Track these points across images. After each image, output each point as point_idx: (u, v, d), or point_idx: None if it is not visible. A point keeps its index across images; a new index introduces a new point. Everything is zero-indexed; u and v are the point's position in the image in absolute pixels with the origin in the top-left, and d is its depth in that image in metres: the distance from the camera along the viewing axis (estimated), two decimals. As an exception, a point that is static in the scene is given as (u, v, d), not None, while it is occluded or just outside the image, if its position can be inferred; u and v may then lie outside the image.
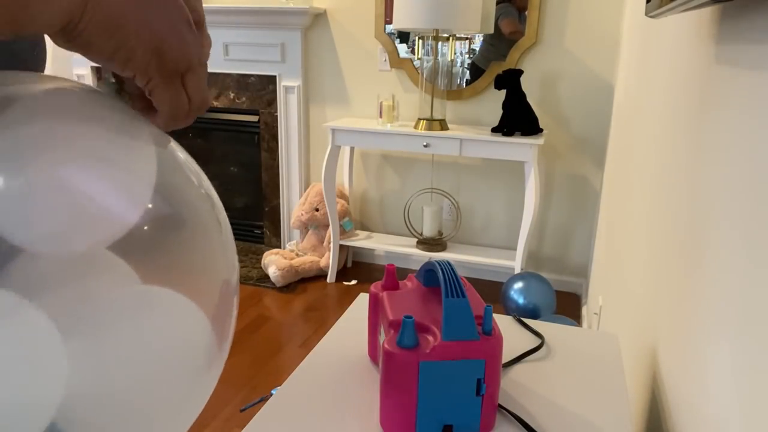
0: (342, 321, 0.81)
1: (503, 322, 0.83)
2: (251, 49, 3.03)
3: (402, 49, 2.85)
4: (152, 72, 0.37)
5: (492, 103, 2.78)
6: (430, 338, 0.57)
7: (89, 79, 3.25)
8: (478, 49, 2.75)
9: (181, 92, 0.39)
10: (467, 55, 2.77)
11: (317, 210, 3.00)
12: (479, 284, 2.96)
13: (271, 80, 3.06)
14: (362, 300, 0.87)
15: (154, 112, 0.40)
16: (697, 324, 0.58)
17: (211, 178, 0.49)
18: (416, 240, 2.90)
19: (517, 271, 2.61)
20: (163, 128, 0.40)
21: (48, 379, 0.29)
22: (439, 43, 2.72)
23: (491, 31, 2.67)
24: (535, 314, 2.24)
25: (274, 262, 2.89)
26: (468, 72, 2.78)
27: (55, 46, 0.36)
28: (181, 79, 0.38)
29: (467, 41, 2.75)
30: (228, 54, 3.07)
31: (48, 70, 0.54)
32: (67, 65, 3.26)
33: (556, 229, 2.86)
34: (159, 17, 0.36)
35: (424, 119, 2.61)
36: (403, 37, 2.83)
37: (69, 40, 0.34)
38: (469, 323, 0.56)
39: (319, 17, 2.93)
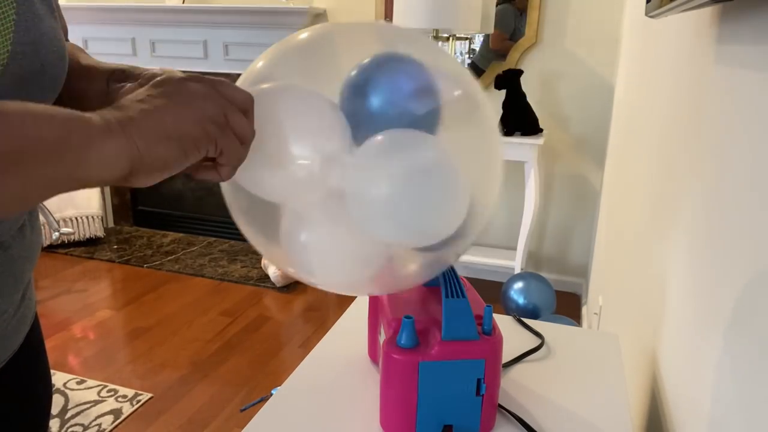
0: (342, 321, 0.81)
1: (503, 322, 0.83)
2: (251, 49, 3.03)
3: (402, 49, 2.84)
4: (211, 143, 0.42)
5: (492, 103, 2.78)
6: (430, 338, 0.57)
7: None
8: (477, 49, 2.75)
9: (235, 141, 0.43)
10: (467, 55, 2.77)
11: (317, 210, 3.00)
12: (479, 284, 2.96)
13: (271, 80, 3.06)
14: (362, 300, 0.87)
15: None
16: (696, 324, 0.58)
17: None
18: (416, 240, 2.90)
19: (517, 271, 2.61)
20: (228, 175, 0.45)
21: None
22: (439, 43, 2.72)
23: (491, 31, 2.66)
24: (535, 314, 2.24)
25: (274, 262, 2.88)
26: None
27: None
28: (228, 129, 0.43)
29: (467, 41, 2.75)
30: (228, 54, 3.07)
31: None
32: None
33: (556, 229, 2.86)
34: (180, 112, 0.41)
35: (424, 119, 2.61)
36: (403, 37, 2.83)
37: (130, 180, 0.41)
38: (469, 323, 0.56)
39: (319, 17, 2.93)
